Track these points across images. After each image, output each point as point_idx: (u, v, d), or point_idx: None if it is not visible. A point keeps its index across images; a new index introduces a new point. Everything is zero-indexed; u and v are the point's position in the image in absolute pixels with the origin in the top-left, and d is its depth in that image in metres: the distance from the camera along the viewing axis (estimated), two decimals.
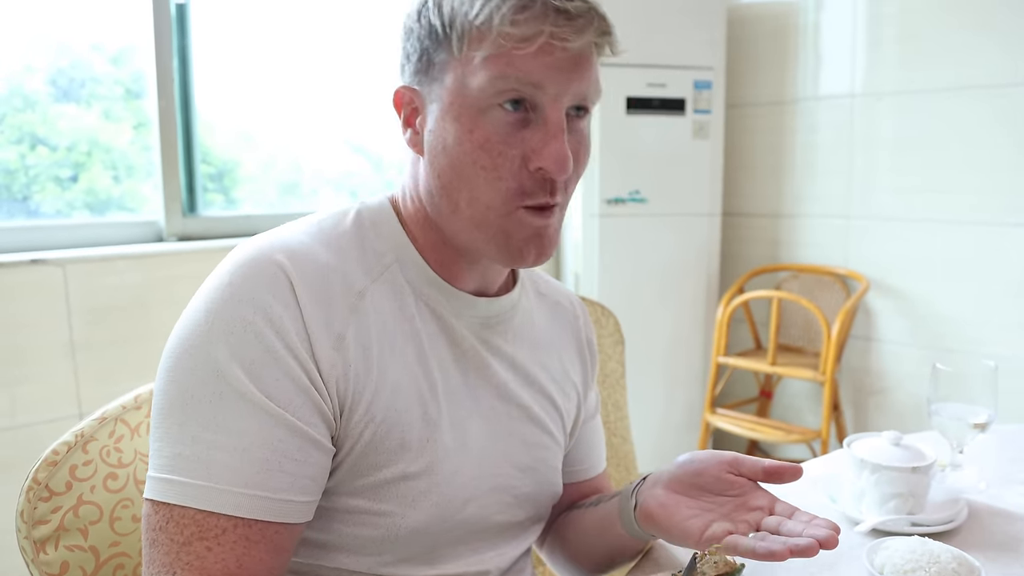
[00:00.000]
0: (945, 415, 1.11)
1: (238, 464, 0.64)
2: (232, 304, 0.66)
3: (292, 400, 0.66)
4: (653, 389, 2.90)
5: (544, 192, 0.71)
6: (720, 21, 2.79)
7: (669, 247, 2.85)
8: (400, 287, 0.76)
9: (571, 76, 0.69)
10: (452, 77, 0.70)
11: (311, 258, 0.71)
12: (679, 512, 0.77)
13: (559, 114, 0.70)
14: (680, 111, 2.77)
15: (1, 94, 1.96)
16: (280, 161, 2.57)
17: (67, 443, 0.81)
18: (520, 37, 0.66)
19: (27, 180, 2.00)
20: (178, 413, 0.66)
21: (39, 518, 0.78)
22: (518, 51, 0.67)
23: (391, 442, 0.73)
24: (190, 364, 0.66)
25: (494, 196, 0.71)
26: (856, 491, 1.01)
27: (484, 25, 0.67)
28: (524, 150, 0.70)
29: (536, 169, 0.70)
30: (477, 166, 0.70)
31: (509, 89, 0.68)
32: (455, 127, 0.70)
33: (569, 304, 0.97)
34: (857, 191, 2.74)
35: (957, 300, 2.54)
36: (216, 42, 2.29)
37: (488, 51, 0.67)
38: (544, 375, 0.88)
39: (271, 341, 0.66)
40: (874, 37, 2.64)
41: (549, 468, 0.88)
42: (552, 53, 0.68)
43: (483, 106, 0.69)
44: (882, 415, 2.77)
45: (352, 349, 0.70)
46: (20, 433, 1.82)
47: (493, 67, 0.68)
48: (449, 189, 0.73)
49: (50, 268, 1.85)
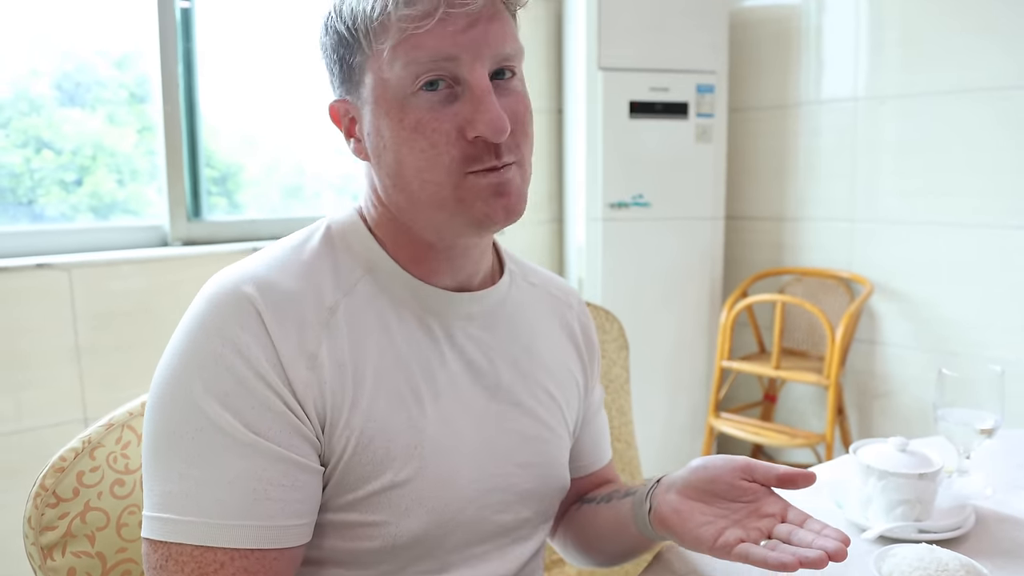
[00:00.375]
0: (951, 420, 1.10)
1: (226, 497, 0.65)
2: (202, 339, 0.68)
3: (271, 427, 0.67)
4: (657, 393, 2.90)
5: (489, 156, 0.71)
6: (722, 25, 2.79)
7: (672, 251, 2.85)
8: (375, 295, 0.76)
9: (480, 38, 0.69)
10: (371, 76, 0.71)
11: (278, 284, 0.71)
12: (693, 519, 0.77)
13: (482, 79, 0.70)
14: (683, 115, 2.77)
15: (7, 98, 1.97)
16: (283, 164, 2.58)
17: (74, 449, 0.81)
18: (418, 16, 0.67)
19: (32, 184, 2.01)
20: (163, 451, 0.67)
21: (46, 524, 0.78)
22: (419, 30, 0.67)
23: (375, 452, 0.72)
24: (169, 402, 0.67)
25: (439, 171, 0.71)
26: (863, 497, 1.01)
27: (383, 16, 0.68)
28: (458, 123, 0.70)
29: (474, 138, 0.70)
30: (416, 151, 0.70)
31: (425, 71, 0.68)
32: (387, 122, 0.71)
33: (563, 294, 0.96)
34: (860, 194, 2.74)
35: (962, 303, 2.54)
36: (220, 45, 2.30)
37: (393, 39, 0.68)
38: (539, 368, 0.87)
39: (242, 371, 0.66)
40: (876, 40, 2.64)
41: (552, 462, 0.87)
42: (454, 22, 0.68)
43: (406, 93, 0.70)
44: (887, 419, 2.77)
45: (327, 366, 0.70)
46: (25, 437, 1.83)
47: (402, 53, 0.68)
48: (400, 182, 0.73)
49: (56, 272, 1.85)
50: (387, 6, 0.67)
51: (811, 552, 0.67)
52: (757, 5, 2.97)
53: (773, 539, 0.72)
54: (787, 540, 0.71)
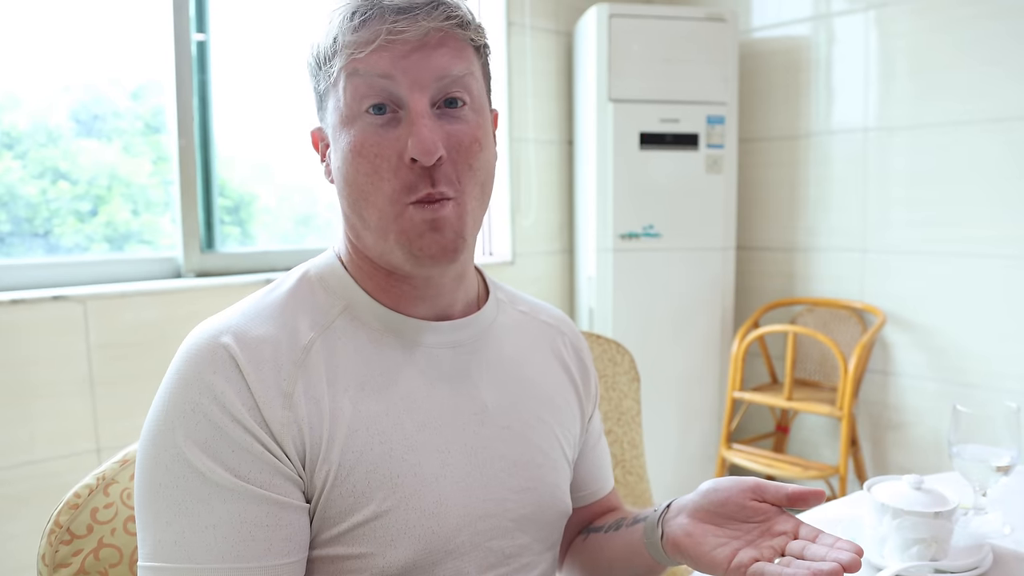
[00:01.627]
0: (967, 457, 1.09)
1: (212, 541, 0.66)
2: (181, 390, 0.69)
3: (251, 469, 0.68)
4: (668, 424, 2.89)
5: (425, 184, 0.72)
6: (732, 56, 2.81)
7: (683, 282, 2.85)
8: (353, 330, 0.77)
9: (421, 63, 0.72)
10: (331, 101, 0.76)
11: (252, 331, 0.73)
12: (706, 542, 0.77)
13: (418, 102, 0.72)
14: (693, 146, 2.79)
15: (25, 129, 1.99)
16: (296, 194, 2.60)
17: (88, 486, 0.81)
18: (362, 42, 0.71)
19: (48, 214, 2.03)
20: (152, 501, 0.68)
21: (60, 561, 0.78)
22: (361, 54, 0.71)
23: (355, 485, 0.72)
24: (154, 453, 0.69)
25: (381, 198, 0.73)
26: (877, 536, 1.00)
27: (335, 44, 0.73)
28: (398, 148, 0.72)
29: (410, 161, 0.71)
30: (360, 174, 0.73)
31: (366, 90, 0.72)
32: (339, 145, 0.75)
33: (554, 321, 0.96)
34: (872, 224, 2.74)
35: (976, 334, 2.52)
36: (235, 76, 2.33)
37: (340, 63, 0.73)
38: (529, 393, 0.87)
39: (219, 417, 0.68)
40: (886, 71, 2.66)
41: (549, 486, 0.86)
42: (396, 48, 0.71)
43: (352, 116, 0.73)
44: (901, 451, 2.74)
45: (303, 404, 0.71)
46: (38, 468, 1.83)
47: (346, 76, 0.72)
48: (351, 204, 0.76)
49: (71, 304, 1.87)
50: (338, 35, 0.72)
51: (825, 565, 0.67)
52: (767, 36, 3.00)
53: (787, 556, 0.72)
54: (800, 556, 0.71)
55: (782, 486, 0.76)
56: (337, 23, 0.73)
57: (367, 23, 0.71)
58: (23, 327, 1.81)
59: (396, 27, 0.70)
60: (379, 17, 0.71)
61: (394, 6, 0.71)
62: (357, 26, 0.71)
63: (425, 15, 0.71)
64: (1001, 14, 2.38)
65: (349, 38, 0.71)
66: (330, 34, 0.73)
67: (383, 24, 0.71)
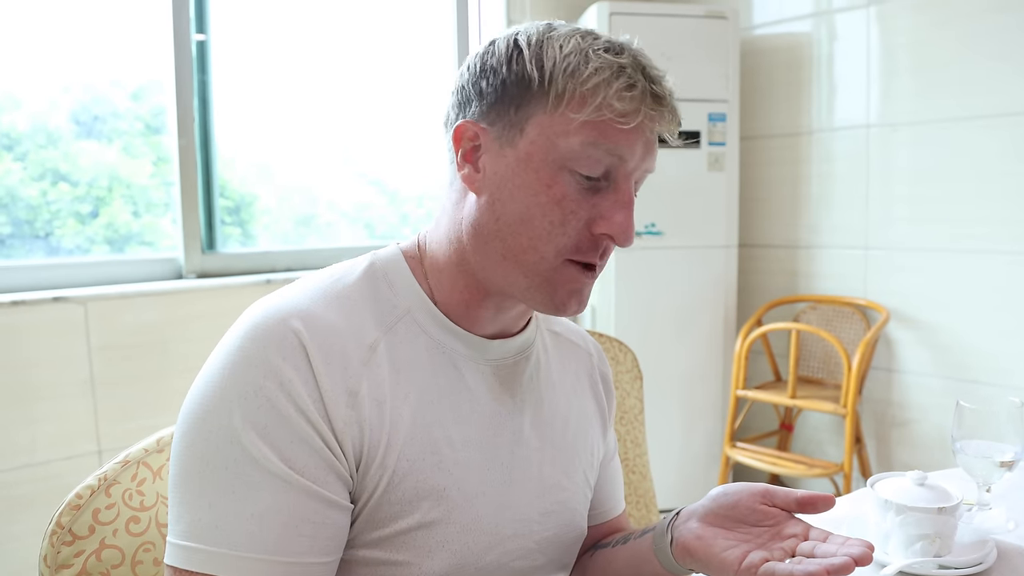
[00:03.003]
0: (970, 453, 1.09)
1: (256, 530, 0.65)
2: (244, 369, 0.67)
3: (307, 463, 0.67)
4: (671, 423, 2.88)
5: (595, 253, 0.74)
6: (734, 54, 2.80)
7: (686, 280, 2.85)
8: (414, 336, 0.76)
9: (647, 155, 0.74)
10: (538, 130, 0.72)
11: (323, 319, 0.71)
12: (716, 544, 0.77)
13: (630, 188, 0.74)
14: (695, 144, 2.78)
15: (25, 131, 1.99)
16: (296, 194, 2.59)
17: (90, 487, 0.81)
18: (622, 112, 0.70)
19: (49, 216, 2.03)
20: (195, 479, 0.66)
21: (62, 562, 0.78)
22: (617, 125, 0.70)
23: (405, 492, 0.72)
24: (205, 430, 0.67)
25: (549, 247, 0.73)
26: (881, 533, 0.99)
27: (590, 91, 0.70)
28: (592, 214, 0.73)
29: (600, 234, 0.73)
30: (546, 219, 0.72)
31: (597, 162, 0.72)
32: (533, 178, 0.72)
33: (583, 343, 0.97)
34: (874, 221, 2.74)
35: (979, 330, 2.52)
36: (235, 76, 2.33)
37: (589, 116, 0.70)
38: (559, 416, 0.87)
39: (283, 405, 0.66)
40: (888, 67, 2.65)
41: (571, 511, 0.87)
42: (643, 133, 0.72)
43: (565, 166, 0.72)
44: (905, 447, 2.73)
45: (366, 404, 0.70)
46: (39, 470, 1.83)
47: (589, 133, 0.71)
48: (506, 234, 0.74)
49: (72, 305, 1.87)
50: (599, 88, 0.70)
51: (837, 559, 0.67)
52: (768, 33, 2.99)
53: (797, 556, 0.72)
54: (811, 555, 0.71)
55: (791, 491, 0.76)
56: (607, 76, 0.70)
57: (633, 96, 0.70)
58: (24, 329, 1.81)
59: (653, 114, 0.71)
60: (643, 95, 0.70)
61: (656, 92, 0.71)
62: (624, 93, 0.70)
63: (670, 112, 0.73)
64: (1003, 8, 2.38)
65: (613, 103, 0.70)
66: (589, 74, 0.70)
67: (644, 104, 0.70)
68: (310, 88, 2.50)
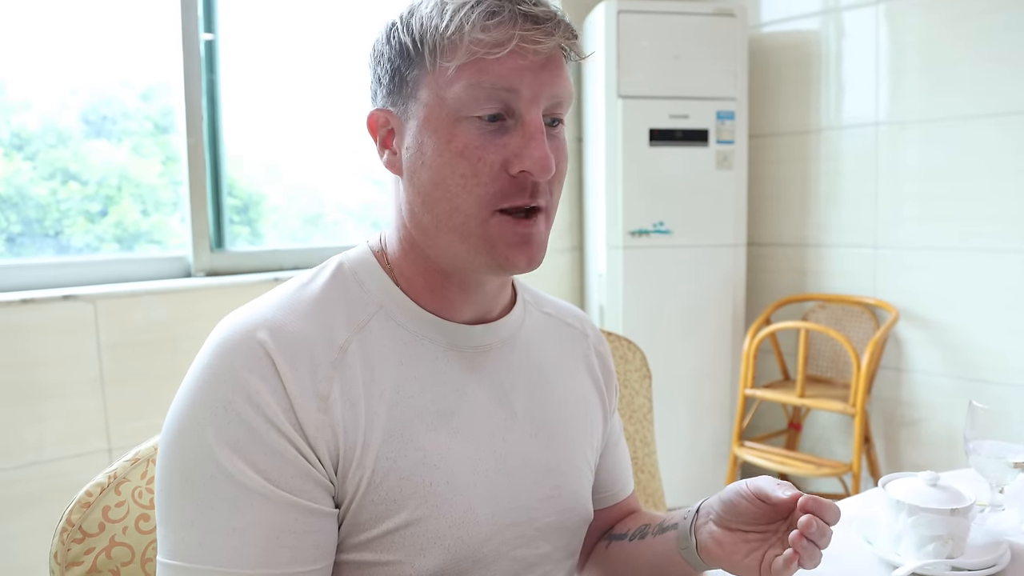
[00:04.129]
0: (983, 453, 1.08)
1: (238, 544, 0.65)
2: (213, 385, 0.67)
3: (283, 473, 0.66)
4: (679, 422, 2.88)
5: (524, 194, 0.72)
6: (742, 52, 2.79)
7: (694, 278, 2.84)
8: (388, 331, 0.75)
9: (543, 78, 0.70)
10: (427, 91, 0.71)
11: (288, 327, 0.71)
12: (737, 550, 0.78)
13: (536, 117, 0.71)
14: (703, 142, 2.77)
15: (35, 131, 2.00)
16: (303, 193, 2.60)
17: (100, 484, 0.81)
18: (491, 43, 0.68)
19: (58, 215, 2.04)
20: (177, 496, 0.66)
21: (72, 560, 0.78)
22: (490, 56, 0.68)
23: (387, 491, 0.71)
24: (181, 447, 0.67)
25: (471, 202, 0.71)
26: (893, 533, 0.99)
27: (455, 35, 0.68)
28: (504, 155, 0.70)
29: (518, 172, 0.70)
30: (456, 174, 0.70)
31: (485, 96, 0.69)
32: (434, 139, 0.71)
33: (579, 323, 0.95)
34: (884, 220, 2.72)
35: (990, 329, 2.50)
36: (243, 75, 2.33)
37: (461, 60, 0.68)
38: (555, 399, 0.86)
39: (253, 418, 0.66)
40: (897, 65, 2.64)
41: (572, 494, 0.85)
42: (524, 56, 0.69)
43: (460, 115, 0.70)
44: (915, 447, 2.72)
45: (338, 406, 0.69)
46: (47, 468, 1.84)
47: (467, 75, 0.69)
48: (430, 202, 0.73)
49: (82, 304, 1.87)
50: (463, 26, 0.68)
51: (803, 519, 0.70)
52: (776, 31, 2.98)
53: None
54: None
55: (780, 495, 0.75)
56: (464, 12, 0.68)
57: (499, 23, 0.68)
58: (34, 327, 1.81)
59: (528, 35, 0.68)
60: (511, 20, 0.68)
61: (529, 13, 0.68)
62: (487, 23, 0.68)
63: (554, 28, 0.69)
64: (1011, 7, 2.36)
65: (478, 35, 0.67)
66: (449, 19, 0.69)
67: (515, 28, 0.68)
68: (318, 87, 2.50)
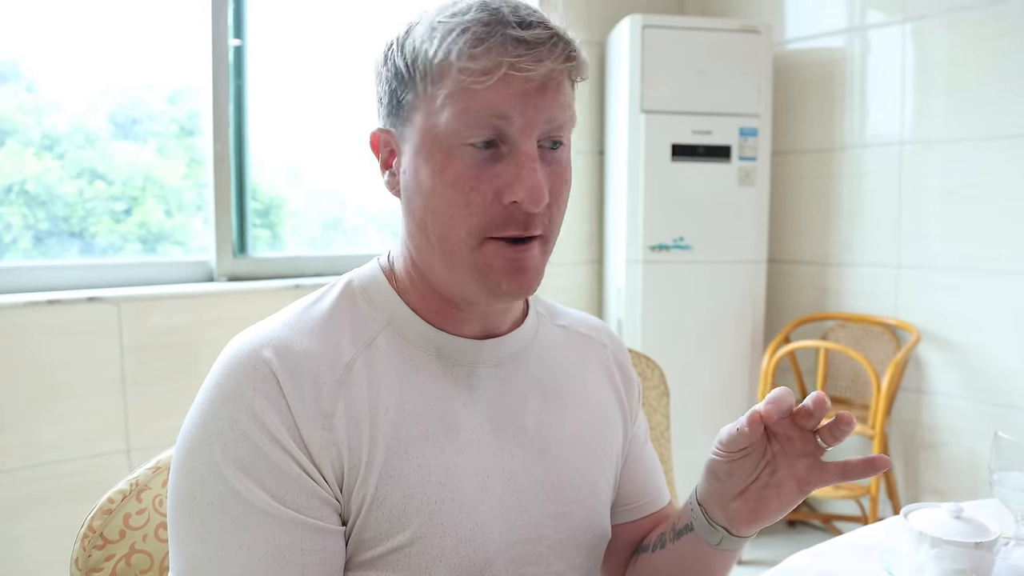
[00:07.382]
0: (1008, 485, 1.07)
1: (245, 562, 0.65)
2: (219, 404, 0.68)
3: (288, 491, 0.67)
4: (696, 439, 2.85)
5: (517, 225, 0.70)
6: (766, 68, 2.78)
7: (714, 294, 2.83)
8: (396, 348, 0.75)
9: (538, 104, 0.68)
10: (420, 117, 0.70)
11: (295, 345, 0.71)
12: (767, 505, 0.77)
13: (530, 145, 0.68)
14: (725, 158, 2.77)
15: (64, 131, 2.03)
16: (324, 197, 2.61)
17: (122, 491, 0.81)
18: (479, 71, 0.66)
19: (84, 213, 2.06)
20: (186, 514, 0.67)
21: (93, 566, 0.78)
22: (478, 85, 0.66)
23: (391, 509, 0.71)
24: (190, 465, 0.67)
25: (462, 230, 0.69)
26: (914, 565, 0.97)
27: (443, 63, 0.67)
28: (497, 185, 0.69)
29: (510, 203, 0.69)
30: (447, 204, 0.69)
31: (475, 124, 0.67)
32: (427, 167, 0.70)
33: (595, 333, 0.93)
34: (907, 239, 2.70)
35: (1014, 353, 2.47)
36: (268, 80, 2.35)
37: (449, 88, 0.67)
38: (570, 412, 0.84)
39: (258, 436, 0.66)
40: (922, 84, 2.62)
41: (586, 510, 0.83)
42: (513, 84, 0.67)
43: (453, 144, 0.68)
44: (934, 471, 2.69)
45: (343, 425, 0.69)
46: (65, 467, 1.85)
47: (456, 103, 0.67)
48: (424, 228, 0.72)
49: (106, 305, 1.89)
50: (449, 54, 0.66)
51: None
52: (801, 48, 2.97)
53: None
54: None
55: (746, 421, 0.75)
56: (451, 39, 0.66)
57: (487, 49, 0.66)
58: (58, 327, 1.83)
59: (518, 62, 0.65)
60: (500, 46, 0.66)
61: (518, 37, 0.66)
62: (474, 50, 0.66)
63: (548, 52, 0.67)
64: None
65: (466, 64, 0.66)
66: (437, 46, 0.67)
67: (504, 55, 0.65)
68: (341, 92, 2.51)
